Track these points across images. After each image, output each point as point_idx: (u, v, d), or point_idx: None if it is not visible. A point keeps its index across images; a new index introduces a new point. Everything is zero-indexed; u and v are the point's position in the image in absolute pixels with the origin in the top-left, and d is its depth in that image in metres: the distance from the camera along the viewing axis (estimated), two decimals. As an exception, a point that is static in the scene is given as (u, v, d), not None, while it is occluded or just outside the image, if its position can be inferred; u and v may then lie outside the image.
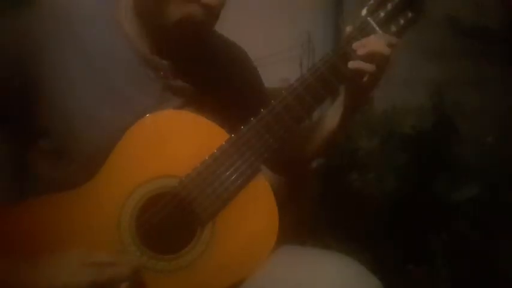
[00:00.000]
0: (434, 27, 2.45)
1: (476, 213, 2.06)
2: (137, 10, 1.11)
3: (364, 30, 1.14)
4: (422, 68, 2.61)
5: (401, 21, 1.16)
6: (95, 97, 1.06)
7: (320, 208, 2.06)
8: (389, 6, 1.16)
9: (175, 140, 1.08)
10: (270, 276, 1.05)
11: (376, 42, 1.11)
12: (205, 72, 1.16)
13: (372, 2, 1.16)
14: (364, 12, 1.16)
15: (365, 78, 1.12)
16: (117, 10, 1.13)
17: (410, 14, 1.17)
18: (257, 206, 1.10)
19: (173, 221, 1.04)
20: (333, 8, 2.76)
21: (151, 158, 1.06)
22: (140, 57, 1.11)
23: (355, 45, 1.12)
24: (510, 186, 2.09)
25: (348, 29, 1.16)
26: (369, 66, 1.11)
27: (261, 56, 1.93)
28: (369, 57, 1.10)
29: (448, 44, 2.60)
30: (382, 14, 1.15)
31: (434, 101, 2.38)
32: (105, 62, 1.09)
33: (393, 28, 1.16)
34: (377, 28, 1.14)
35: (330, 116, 1.28)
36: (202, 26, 1.10)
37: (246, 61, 1.34)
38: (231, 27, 1.23)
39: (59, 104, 1.05)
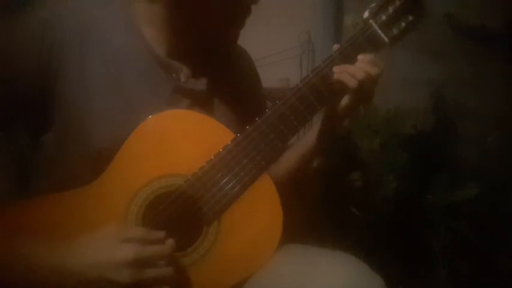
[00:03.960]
0: (434, 27, 2.45)
1: (476, 213, 2.06)
2: (171, 15, 1.12)
3: (366, 33, 1.16)
4: (422, 68, 2.61)
5: (403, 25, 1.18)
6: (107, 97, 1.07)
7: (321, 208, 2.06)
8: (390, 9, 1.17)
9: (182, 139, 1.09)
10: (274, 274, 1.05)
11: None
12: (215, 74, 1.17)
13: (373, 5, 1.17)
14: (366, 15, 1.17)
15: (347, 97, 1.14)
16: (135, 13, 1.13)
17: (411, 18, 1.18)
18: (262, 205, 1.11)
19: (179, 219, 1.05)
20: (333, 8, 2.76)
21: (158, 157, 1.07)
22: (154, 59, 1.12)
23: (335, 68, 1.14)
24: (510, 186, 2.09)
25: (335, 46, 1.16)
26: (352, 81, 1.12)
27: (261, 56, 1.93)
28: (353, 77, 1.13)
29: (448, 44, 2.60)
30: (383, 17, 1.17)
31: (435, 101, 2.38)
32: (119, 62, 1.09)
33: (395, 31, 1.18)
34: (379, 31, 1.16)
35: (307, 138, 1.30)
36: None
37: (250, 62, 1.35)
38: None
39: (71, 102, 1.06)
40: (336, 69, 1.13)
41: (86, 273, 0.94)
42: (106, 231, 0.98)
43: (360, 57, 1.14)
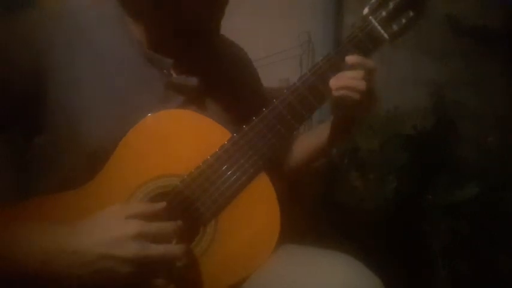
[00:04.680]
0: (434, 27, 2.45)
1: (476, 213, 2.05)
2: (151, 8, 1.12)
3: (365, 30, 1.15)
4: (422, 68, 2.61)
5: (403, 21, 1.17)
6: (100, 96, 1.07)
7: (320, 208, 2.06)
8: (391, 5, 1.16)
9: (178, 139, 1.09)
10: (272, 275, 1.05)
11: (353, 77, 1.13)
12: (208, 71, 1.16)
13: (373, 1, 1.16)
14: (366, 11, 1.16)
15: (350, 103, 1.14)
16: (124, 10, 1.13)
17: (411, 14, 1.17)
18: (259, 205, 1.10)
19: (176, 219, 1.05)
20: (333, 8, 2.76)
21: (154, 157, 1.07)
22: (144, 55, 1.12)
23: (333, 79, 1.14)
24: (510, 186, 2.08)
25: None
26: (352, 94, 1.13)
27: (261, 56, 1.93)
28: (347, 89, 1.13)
29: (448, 44, 2.60)
30: (383, 13, 1.16)
31: (435, 101, 2.38)
32: (111, 61, 1.09)
33: (395, 27, 1.16)
34: (379, 27, 1.15)
35: (319, 132, 1.32)
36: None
37: (247, 61, 1.35)
38: (231, 27, 1.24)
39: (64, 102, 1.06)
40: (333, 85, 1.13)
41: (93, 252, 0.94)
42: (110, 209, 0.99)
43: (351, 59, 1.13)
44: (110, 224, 0.97)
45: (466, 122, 2.33)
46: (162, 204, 1.02)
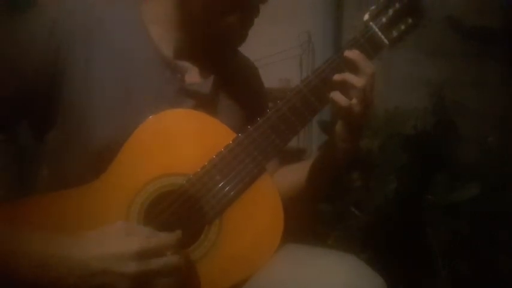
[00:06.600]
0: (434, 27, 2.45)
1: (476, 213, 2.05)
2: (179, 13, 1.13)
3: (366, 35, 1.16)
4: (422, 68, 2.62)
5: (402, 27, 1.19)
6: (111, 96, 1.07)
7: (321, 208, 2.07)
8: (390, 11, 1.18)
9: (183, 139, 1.10)
10: (275, 274, 1.06)
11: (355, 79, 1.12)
12: (221, 78, 1.18)
13: (373, 7, 1.18)
14: (366, 17, 1.18)
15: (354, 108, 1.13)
16: (143, 12, 1.14)
17: (410, 20, 1.19)
18: (263, 204, 1.11)
19: (180, 218, 1.05)
20: (333, 8, 2.77)
21: (160, 156, 1.07)
22: (161, 59, 1.12)
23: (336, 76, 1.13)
24: (510, 186, 2.09)
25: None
26: (344, 100, 1.12)
27: (261, 56, 1.93)
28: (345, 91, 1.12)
29: (448, 44, 2.60)
30: (383, 20, 1.18)
31: (435, 101, 2.38)
32: (125, 62, 1.10)
33: (394, 33, 1.19)
34: (379, 33, 1.16)
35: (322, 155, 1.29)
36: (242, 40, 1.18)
37: (257, 75, 1.37)
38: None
39: (76, 100, 1.06)
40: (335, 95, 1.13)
41: (91, 266, 0.94)
42: (112, 226, 0.99)
43: (350, 54, 1.13)
44: (110, 239, 0.97)
45: (466, 122, 2.32)
46: (176, 234, 1.02)
